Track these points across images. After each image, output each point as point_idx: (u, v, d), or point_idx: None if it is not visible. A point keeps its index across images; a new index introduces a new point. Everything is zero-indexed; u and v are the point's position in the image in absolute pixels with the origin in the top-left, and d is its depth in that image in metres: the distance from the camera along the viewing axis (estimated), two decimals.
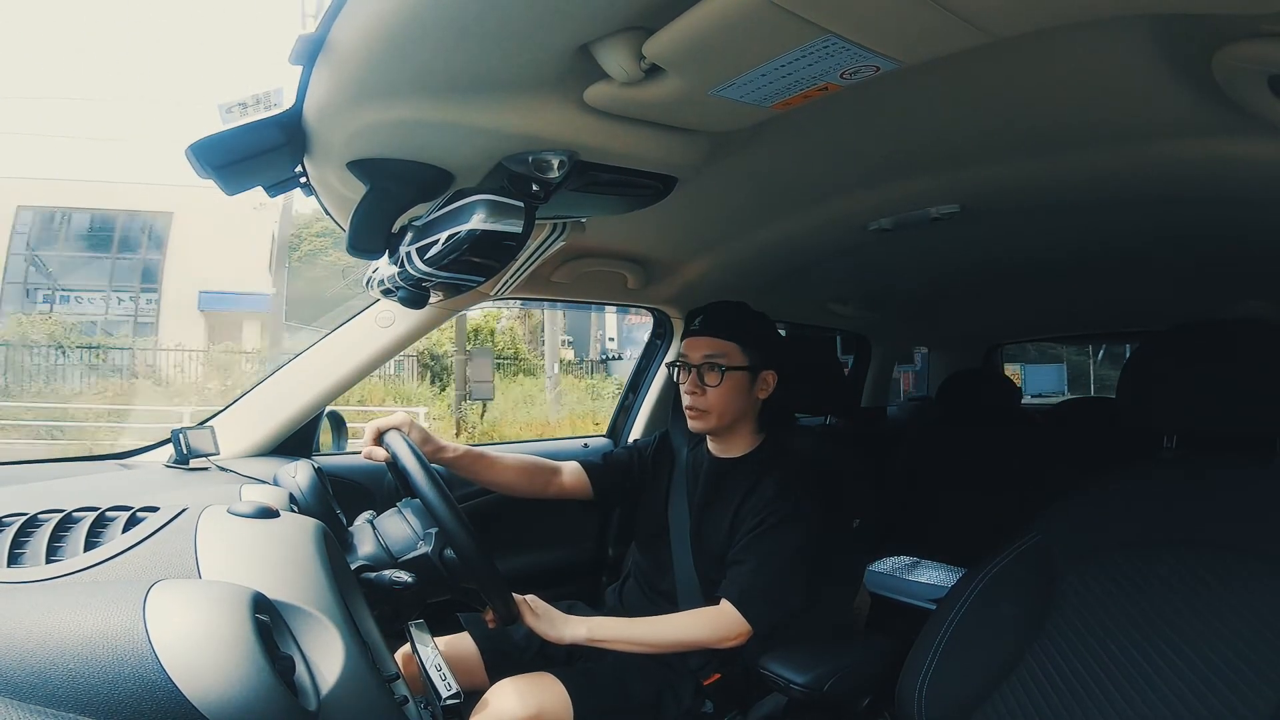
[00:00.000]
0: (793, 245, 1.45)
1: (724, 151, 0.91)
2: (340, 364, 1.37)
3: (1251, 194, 1.03)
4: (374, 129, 0.76)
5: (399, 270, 0.88)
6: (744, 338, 1.23)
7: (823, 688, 1.10)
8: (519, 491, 1.31)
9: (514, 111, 0.74)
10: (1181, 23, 0.64)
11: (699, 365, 1.22)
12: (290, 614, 0.61)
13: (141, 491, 0.97)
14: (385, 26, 0.61)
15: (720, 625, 1.14)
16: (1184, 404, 0.97)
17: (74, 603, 0.52)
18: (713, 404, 1.22)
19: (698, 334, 1.25)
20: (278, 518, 0.74)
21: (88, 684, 0.47)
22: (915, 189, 1.15)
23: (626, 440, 1.87)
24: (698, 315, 1.28)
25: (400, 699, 0.71)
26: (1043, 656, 0.96)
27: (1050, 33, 0.62)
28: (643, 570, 1.35)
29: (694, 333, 1.26)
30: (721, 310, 1.27)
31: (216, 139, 0.74)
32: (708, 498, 1.27)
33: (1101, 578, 0.97)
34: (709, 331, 1.24)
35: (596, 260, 1.48)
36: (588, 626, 1.12)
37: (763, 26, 0.58)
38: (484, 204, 0.79)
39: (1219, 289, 1.80)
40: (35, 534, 0.66)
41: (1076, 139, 0.95)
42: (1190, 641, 0.86)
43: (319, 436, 1.45)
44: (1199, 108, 0.80)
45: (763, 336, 1.26)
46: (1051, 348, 9.87)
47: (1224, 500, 0.93)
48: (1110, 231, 1.37)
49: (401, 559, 0.93)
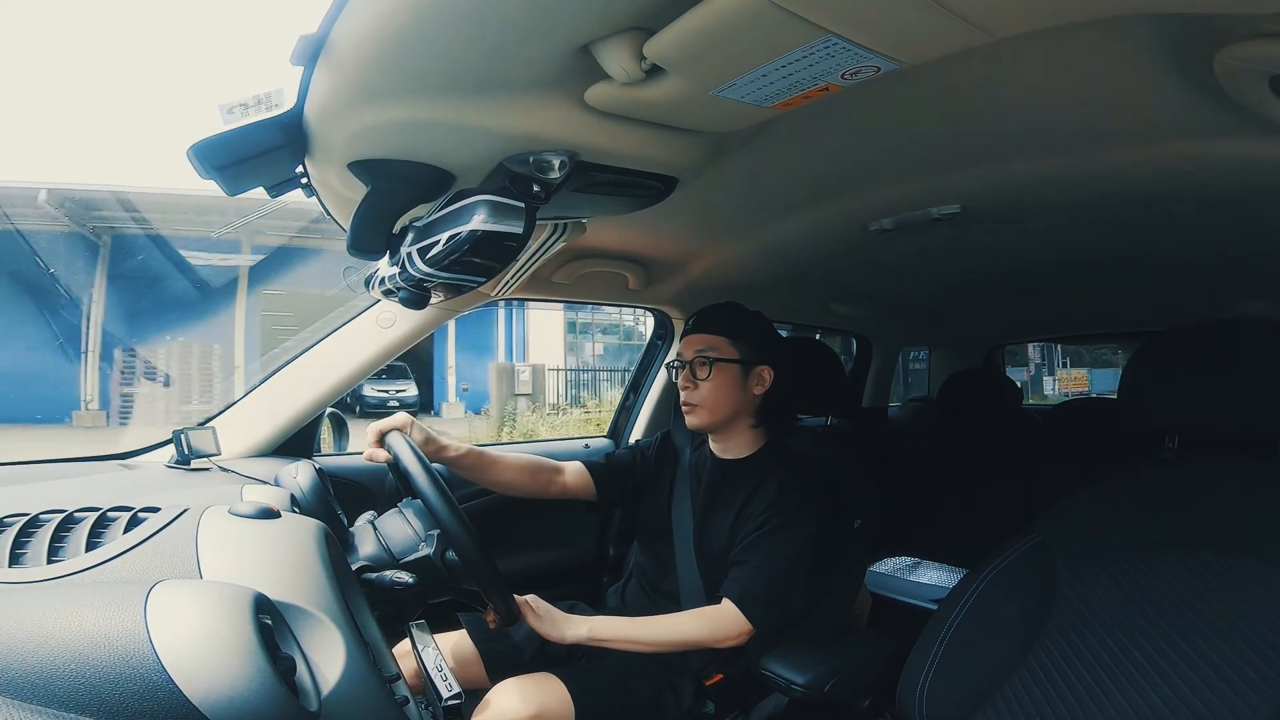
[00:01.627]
0: (794, 245, 1.45)
1: (725, 152, 0.91)
2: (341, 365, 1.37)
3: (1253, 194, 1.03)
4: (375, 129, 0.76)
5: (400, 271, 0.88)
6: (733, 332, 1.25)
7: (823, 688, 1.10)
8: (521, 491, 1.31)
9: (515, 112, 0.74)
10: (1182, 23, 0.64)
11: (691, 360, 1.25)
12: (291, 614, 0.61)
13: (143, 492, 0.97)
14: (386, 27, 0.61)
15: (721, 624, 1.14)
16: (1185, 404, 0.97)
17: (75, 603, 0.52)
18: (704, 397, 1.23)
19: (691, 332, 1.28)
20: (279, 518, 0.74)
21: (89, 684, 0.47)
22: (916, 189, 1.15)
23: (627, 441, 1.87)
24: (692, 318, 1.30)
25: (401, 699, 0.71)
26: (1043, 657, 0.96)
27: (1051, 33, 0.62)
28: (645, 571, 1.35)
29: (688, 331, 1.29)
30: (713, 309, 1.30)
31: (218, 140, 0.74)
32: (710, 498, 1.27)
33: (1102, 578, 0.97)
34: (700, 329, 1.27)
35: (597, 261, 1.48)
36: (589, 626, 1.13)
37: (764, 27, 0.58)
38: (485, 204, 0.79)
39: (1220, 289, 1.80)
40: (36, 534, 0.66)
41: (1077, 139, 0.95)
42: (1190, 641, 0.86)
43: (320, 437, 1.45)
44: (1200, 108, 0.80)
45: (754, 332, 1.28)
46: (1106, 353, 10.10)
47: (1224, 500, 0.93)
48: (1111, 231, 1.36)
49: (403, 560, 0.93)
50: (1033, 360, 12.16)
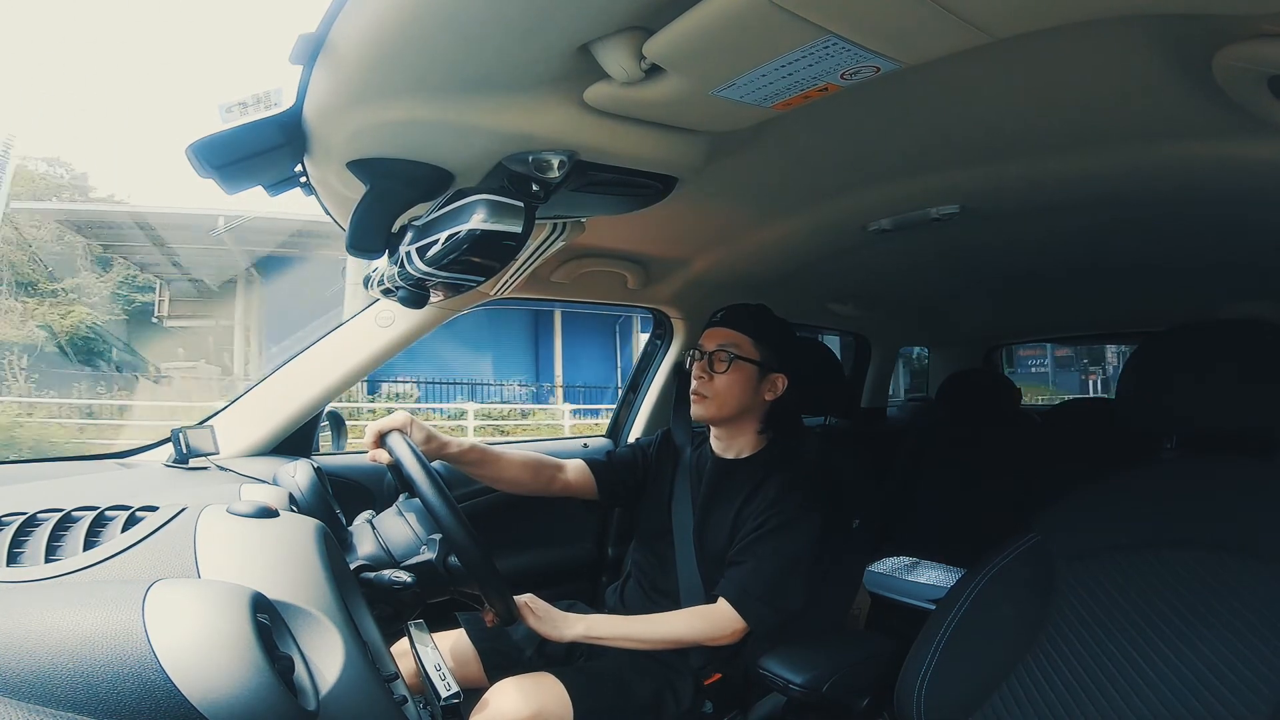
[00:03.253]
0: (793, 245, 1.45)
1: (724, 151, 0.91)
2: (340, 364, 1.37)
3: (1252, 194, 1.03)
4: (374, 129, 0.76)
5: (399, 270, 0.88)
6: (759, 335, 1.25)
7: (822, 688, 1.10)
8: (524, 489, 1.31)
9: (514, 111, 0.74)
10: (1181, 23, 0.64)
11: (712, 352, 1.25)
12: (290, 614, 0.61)
13: (141, 491, 0.97)
14: (386, 26, 0.61)
15: (716, 623, 1.14)
16: (1184, 404, 0.97)
17: (73, 602, 0.52)
18: (717, 390, 1.24)
19: (717, 325, 1.29)
20: (277, 517, 0.74)
21: (87, 683, 0.47)
22: (915, 189, 1.15)
23: (626, 440, 1.87)
24: (721, 311, 1.31)
25: (399, 699, 0.71)
26: (1042, 657, 0.96)
27: (1050, 33, 0.62)
28: (644, 569, 1.35)
29: (714, 324, 1.29)
30: (744, 307, 1.30)
31: (217, 139, 0.74)
32: (711, 497, 1.27)
33: (1101, 578, 0.97)
34: (727, 324, 1.27)
35: (596, 260, 1.48)
36: (585, 624, 1.13)
37: (764, 27, 0.57)
38: (484, 204, 0.79)
39: (1219, 289, 1.80)
40: (34, 533, 0.66)
41: (1076, 139, 0.95)
42: (1190, 641, 0.86)
43: (318, 436, 1.45)
44: (1199, 108, 0.80)
45: (779, 338, 1.28)
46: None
47: (1224, 500, 0.93)
48: (1110, 231, 1.37)
49: (403, 563, 0.93)
50: (1109, 363, 12.03)
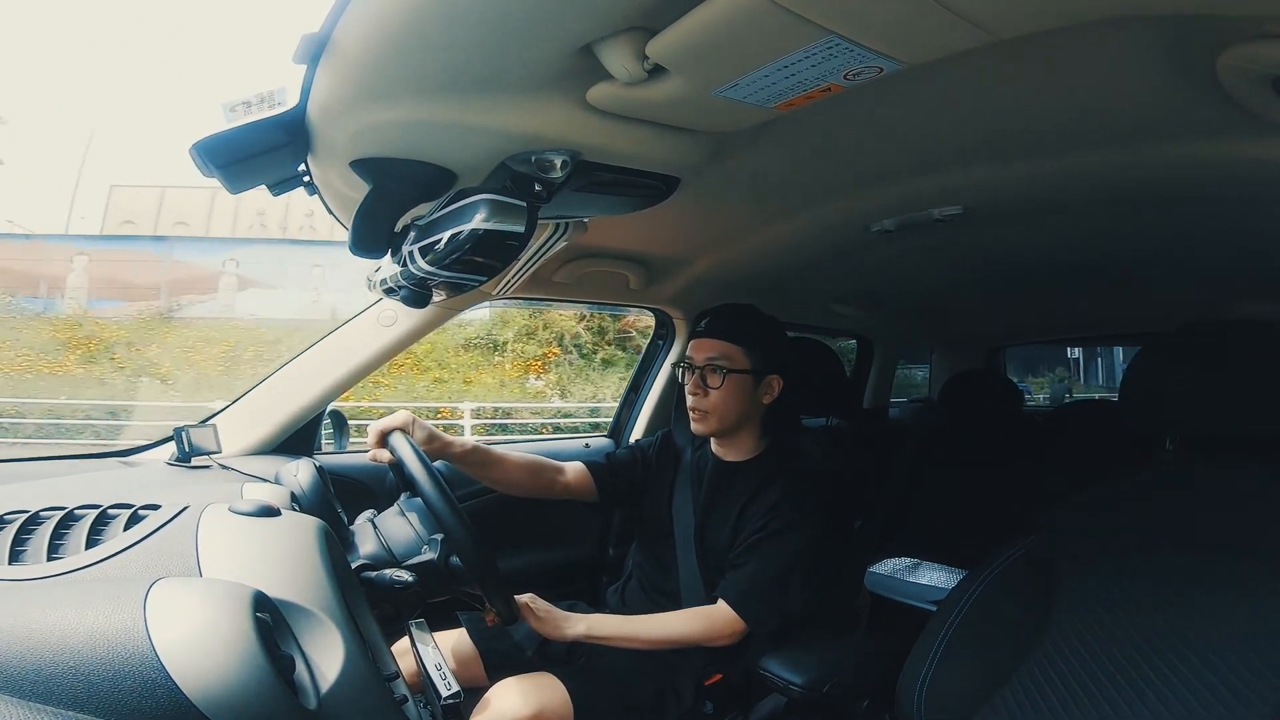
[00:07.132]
0: (795, 246, 1.45)
1: (727, 152, 0.91)
2: (342, 363, 1.37)
3: (1255, 195, 1.03)
4: (377, 128, 0.76)
5: (401, 269, 0.88)
6: (748, 341, 1.22)
7: (822, 689, 1.10)
8: (524, 490, 1.31)
9: (517, 111, 0.74)
10: (1185, 24, 0.64)
11: (702, 367, 1.22)
12: (291, 613, 0.61)
13: (143, 489, 0.97)
14: (389, 26, 0.61)
15: (715, 623, 1.14)
16: (1186, 406, 0.97)
17: (75, 601, 0.52)
18: (715, 406, 1.22)
19: (703, 335, 1.25)
20: (279, 516, 0.74)
21: (88, 682, 0.47)
22: (918, 190, 1.14)
23: (627, 440, 1.86)
24: (704, 317, 1.27)
25: (400, 698, 0.71)
26: (1043, 658, 0.96)
27: (1053, 33, 0.62)
28: (645, 571, 1.35)
29: (699, 334, 1.26)
30: (728, 313, 1.26)
31: (220, 138, 0.74)
32: (712, 500, 1.27)
33: (1102, 579, 0.97)
34: (713, 334, 1.24)
35: (599, 260, 1.48)
36: (586, 624, 1.13)
37: (766, 27, 0.57)
38: (486, 204, 0.79)
39: (1223, 290, 1.80)
40: (37, 531, 0.66)
41: (1079, 140, 0.94)
42: (1191, 642, 0.86)
43: (320, 435, 1.45)
44: (1202, 109, 0.80)
45: (769, 341, 1.26)
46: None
47: (1225, 502, 0.93)
48: (1113, 232, 1.36)
49: (405, 562, 0.93)
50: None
